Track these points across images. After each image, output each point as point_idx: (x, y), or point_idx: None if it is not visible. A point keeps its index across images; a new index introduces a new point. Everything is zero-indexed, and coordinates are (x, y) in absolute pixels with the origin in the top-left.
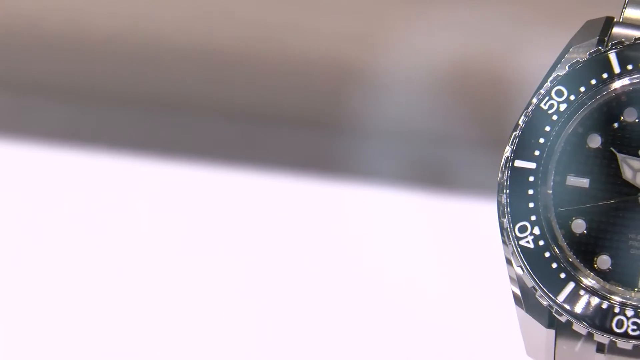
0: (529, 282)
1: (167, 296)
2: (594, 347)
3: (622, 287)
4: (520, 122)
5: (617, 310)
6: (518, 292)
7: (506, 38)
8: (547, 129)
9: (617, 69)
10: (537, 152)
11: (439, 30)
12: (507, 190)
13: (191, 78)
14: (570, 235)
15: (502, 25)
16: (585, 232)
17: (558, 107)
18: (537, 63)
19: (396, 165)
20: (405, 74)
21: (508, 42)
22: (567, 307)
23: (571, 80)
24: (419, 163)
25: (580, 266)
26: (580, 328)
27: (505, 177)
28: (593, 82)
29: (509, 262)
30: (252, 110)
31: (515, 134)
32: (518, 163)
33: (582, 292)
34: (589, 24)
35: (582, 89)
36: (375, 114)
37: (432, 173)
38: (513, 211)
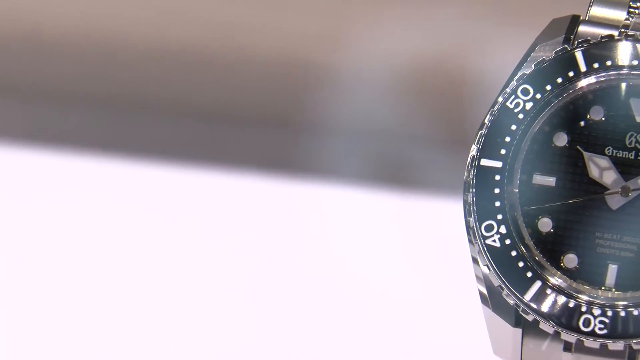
0: (496, 281)
1: (126, 295)
2: (561, 346)
3: (589, 286)
4: (486, 121)
5: (584, 309)
6: (484, 291)
7: (470, 36)
8: (513, 127)
9: (583, 68)
10: (503, 151)
11: (402, 29)
12: (474, 189)
13: (154, 78)
14: (536, 234)
15: (466, 24)
16: (552, 230)
17: (524, 106)
18: (500, 61)
19: (360, 164)
20: (368, 73)
21: (472, 41)
22: (534, 305)
23: (537, 79)
24: (383, 162)
25: (547, 265)
26: (547, 327)
27: (471, 176)
28: (559, 80)
29: (475, 261)
30: (216, 110)
31: (481, 133)
32: (484, 162)
33: (548, 291)
34: (555, 23)
35: (548, 87)
36: (339, 113)
37: (396, 172)
38: (479, 210)
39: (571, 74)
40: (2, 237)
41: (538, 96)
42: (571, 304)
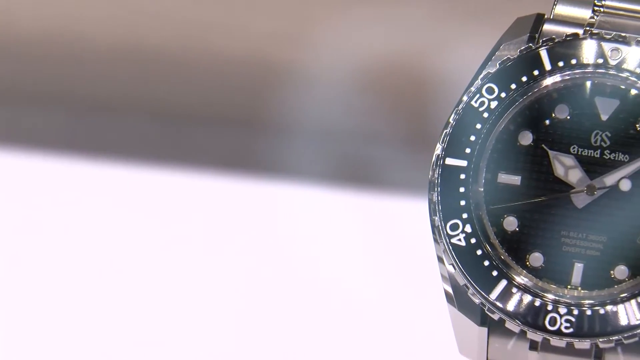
0: (461, 280)
1: (83, 294)
2: (527, 345)
3: (555, 285)
4: (451, 120)
5: (550, 307)
6: (450, 290)
7: (432, 35)
8: (478, 126)
9: (548, 66)
10: (468, 150)
11: (363, 28)
12: (438, 188)
13: (115, 77)
14: (502, 233)
15: (427, 23)
16: (517, 229)
17: (489, 105)
18: (462, 60)
19: (325, 164)
20: (330, 72)
21: (433, 40)
22: (500, 304)
23: (502, 78)
24: (348, 161)
25: (513, 264)
26: (512, 326)
27: (436, 175)
28: (524, 79)
29: (440, 260)
30: (177, 109)
31: (446, 132)
32: (449, 161)
33: (514, 290)
34: (520, 21)
35: (513, 86)
36: (301, 112)
37: (361, 171)
38: (444, 209)
39: (536, 72)
40: None
41: (503, 95)
42: (537, 303)
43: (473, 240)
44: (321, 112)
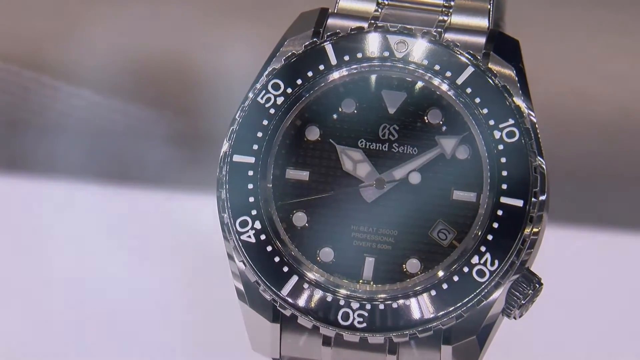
0: (252, 277)
1: None
2: (320, 340)
3: (346, 280)
4: (237, 117)
5: (342, 302)
6: (241, 287)
7: (204, 33)
8: (265, 122)
9: (333, 60)
10: (255, 146)
11: (132, 27)
12: (227, 186)
13: None
14: (292, 229)
15: (198, 21)
16: (307, 225)
17: (275, 101)
18: (231, 56)
19: (93, 163)
20: (97, 71)
21: (205, 37)
22: (291, 300)
23: (287, 73)
24: (112, 159)
25: (303, 259)
26: (305, 321)
27: (224, 172)
28: (310, 74)
29: (231, 257)
30: None
31: (232, 129)
32: (236, 158)
33: (305, 286)
34: (304, 16)
35: (299, 81)
36: (66, 111)
37: (133, 171)
38: (233, 206)
39: (322, 67)
40: None
41: (289, 90)
42: (329, 298)
43: (263, 237)
44: (88, 112)
